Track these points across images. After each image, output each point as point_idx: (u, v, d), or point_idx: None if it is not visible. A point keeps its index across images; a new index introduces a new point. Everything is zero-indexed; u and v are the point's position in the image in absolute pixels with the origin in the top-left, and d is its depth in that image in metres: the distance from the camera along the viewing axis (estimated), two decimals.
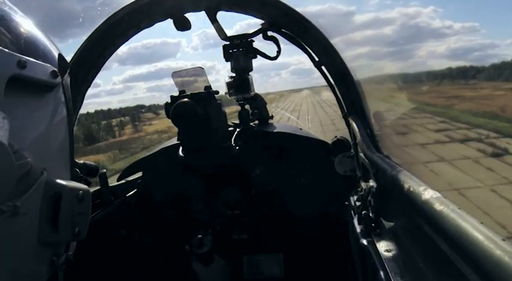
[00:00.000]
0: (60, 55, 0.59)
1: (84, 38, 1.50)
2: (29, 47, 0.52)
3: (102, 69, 1.56)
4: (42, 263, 0.51)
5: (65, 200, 0.52)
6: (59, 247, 0.56)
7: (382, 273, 0.80)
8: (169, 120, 1.56)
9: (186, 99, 1.56)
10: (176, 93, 1.65)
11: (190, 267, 1.81)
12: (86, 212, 0.58)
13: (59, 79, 0.55)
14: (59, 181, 0.52)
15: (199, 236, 1.72)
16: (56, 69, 0.54)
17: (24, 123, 0.48)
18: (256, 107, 2.10)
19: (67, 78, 0.62)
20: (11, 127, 0.42)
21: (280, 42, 1.63)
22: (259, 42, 1.74)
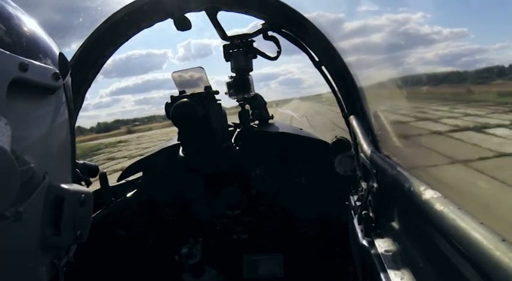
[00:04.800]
0: (61, 55, 0.58)
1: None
2: (31, 48, 0.51)
3: None
4: (43, 266, 0.51)
5: (67, 204, 0.51)
6: (60, 250, 0.56)
7: (382, 273, 0.80)
8: None
9: (186, 99, 1.56)
10: (176, 94, 1.66)
11: (185, 274, 1.77)
12: (88, 215, 0.57)
13: (60, 81, 0.54)
14: (61, 184, 0.52)
15: (188, 246, 1.64)
16: (57, 72, 0.53)
17: (26, 128, 0.48)
18: (256, 107, 2.10)
19: (68, 80, 0.61)
20: (13, 132, 0.42)
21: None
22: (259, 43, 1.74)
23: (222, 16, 1.55)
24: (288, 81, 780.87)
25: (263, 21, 1.56)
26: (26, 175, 0.44)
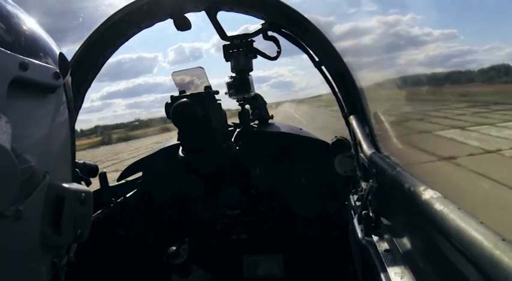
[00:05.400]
0: (61, 55, 0.58)
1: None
2: (31, 47, 0.51)
3: None
4: (43, 266, 0.51)
5: (67, 203, 0.51)
6: (60, 249, 0.56)
7: (382, 273, 0.80)
8: None
9: (186, 99, 1.56)
10: (176, 94, 1.66)
11: (173, 275, 1.77)
12: (88, 214, 0.57)
13: (61, 80, 0.54)
14: (61, 183, 0.52)
15: (175, 246, 1.64)
16: (58, 71, 0.53)
17: (27, 126, 0.48)
18: (256, 107, 2.10)
19: (68, 79, 0.61)
20: (13, 131, 0.42)
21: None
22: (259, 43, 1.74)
23: (222, 16, 1.55)
24: (279, 84, 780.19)
25: (263, 21, 1.57)
26: (26, 173, 0.44)
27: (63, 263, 0.56)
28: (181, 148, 1.73)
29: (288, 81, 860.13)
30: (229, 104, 1.75)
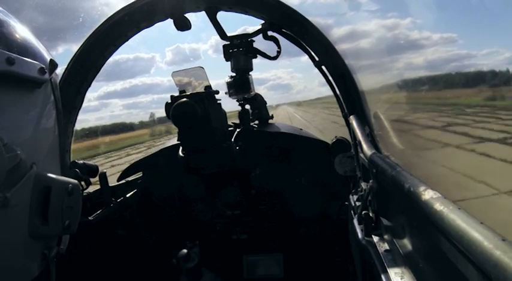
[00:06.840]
0: (51, 58, 0.61)
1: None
2: (18, 45, 0.53)
3: None
4: (33, 256, 0.52)
5: (54, 193, 0.53)
6: (50, 240, 0.57)
7: (382, 273, 0.80)
8: None
9: (186, 99, 1.56)
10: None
11: (182, 277, 1.75)
12: (76, 205, 0.59)
13: (47, 76, 0.56)
14: (48, 174, 0.53)
15: (185, 249, 1.62)
16: (44, 66, 0.56)
17: (13, 118, 0.50)
18: (257, 107, 2.10)
19: (55, 76, 0.63)
20: (1, 122, 0.44)
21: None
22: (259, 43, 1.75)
23: (222, 16, 1.56)
24: (277, 87, 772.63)
25: (263, 21, 1.57)
26: (12, 161, 0.45)
27: (52, 254, 0.57)
28: (181, 147, 1.73)
29: (286, 84, 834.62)
30: (227, 106, 1.69)
